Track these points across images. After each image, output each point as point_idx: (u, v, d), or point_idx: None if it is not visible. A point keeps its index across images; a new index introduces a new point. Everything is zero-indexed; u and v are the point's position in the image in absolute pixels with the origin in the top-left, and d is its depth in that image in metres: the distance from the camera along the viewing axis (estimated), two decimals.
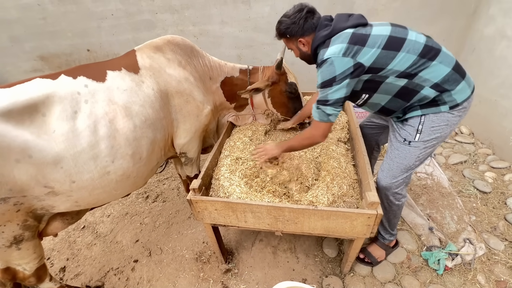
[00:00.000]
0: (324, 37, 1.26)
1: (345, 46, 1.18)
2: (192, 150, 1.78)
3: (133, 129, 1.33)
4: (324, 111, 1.29)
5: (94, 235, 2.30)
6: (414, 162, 1.41)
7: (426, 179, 2.27)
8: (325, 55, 1.22)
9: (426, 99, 1.28)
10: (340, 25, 1.24)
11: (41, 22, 3.06)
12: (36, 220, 1.28)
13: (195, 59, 1.67)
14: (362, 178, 1.56)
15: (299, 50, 1.41)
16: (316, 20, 1.30)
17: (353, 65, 1.19)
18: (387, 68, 1.22)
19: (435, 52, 1.21)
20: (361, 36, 1.20)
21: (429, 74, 1.22)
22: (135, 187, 1.52)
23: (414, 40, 1.21)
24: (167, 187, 2.73)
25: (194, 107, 1.63)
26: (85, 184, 1.24)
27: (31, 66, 3.45)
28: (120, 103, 1.31)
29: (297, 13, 1.29)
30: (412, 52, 1.19)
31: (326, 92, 1.25)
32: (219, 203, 1.40)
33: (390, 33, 1.20)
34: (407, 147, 1.39)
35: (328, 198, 1.46)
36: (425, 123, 1.32)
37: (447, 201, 2.06)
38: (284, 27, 1.33)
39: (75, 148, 1.17)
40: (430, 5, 2.56)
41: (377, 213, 1.24)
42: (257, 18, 2.79)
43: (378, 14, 2.63)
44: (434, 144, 1.37)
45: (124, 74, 1.39)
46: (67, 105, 1.18)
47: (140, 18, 2.91)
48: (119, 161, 1.30)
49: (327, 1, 2.62)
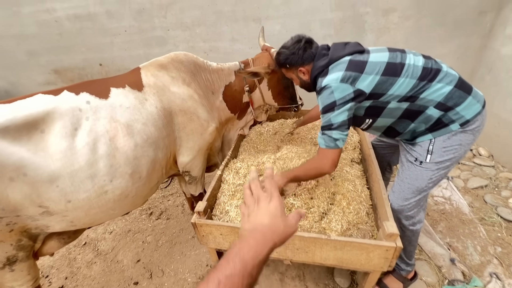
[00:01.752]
0: (322, 67, 1.28)
1: (343, 74, 1.18)
2: (196, 168, 1.73)
3: (133, 147, 1.29)
4: (330, 136, 1.24)
5: (95, 252, 2.23)
6: (426, 184, 1.33)
7: (444, 204, 2.14)
8: (323, 82, 1.22)
9: (431, 119, 1.23)
10: (337, 54, 1.26)
11: (57, 38, 3.15)
12: (31, 240, 1.23)
13: (198, 75, 1.66)
14: (377, 204, 1.47)
15: (299, 79, 1.43)
16: (315, 50, 1.33)
17: (353, 91, 1.18)
18: (388, 94, 1.20)
19: (435, 73, 1.19)
20: (358, 63, 1.20)
21: (431, 95, 1.19)
22: (134, 206, 1.47)
23: (412, 64, 1.19)
24: (172, 204, 2.67)
25: (198, 125, 1.59)
26: (81, 204, 1.19)
27: (45, 79, 3.53)
28: (122, 120, 1.29)
29: (295, 43, 1.33)
30: (411, 77, 1.18)
31: (328, 116, 1.22)
32: (225, 227, 1.33)
33: (388, 59, 1.20)
34: (418, 167, 1.32)
35: (342, 225, 1.37)
36: (435, 144, 1.26)
37: (468, 229, 1.92)
38: (283, 57, 1.36)
39: (73, 166, 1.14)
40: (443, 24, 2.52)
41: (396, 246, 1.14)
42: (267, 36, 2.78)
43: (390, 33, 2.60)
44: (448, 166, 1.30)
45: (127, 92, 1.38)
46: (68, 122, 1.16)
47: (152, 35, 2.96)
48: (118, 180, 1.26)
49: (338, 20, 2.61)
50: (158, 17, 2.85)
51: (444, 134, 1.24)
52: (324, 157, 1.27)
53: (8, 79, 3.64)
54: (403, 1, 2.46)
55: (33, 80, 3.57)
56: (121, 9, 2.85)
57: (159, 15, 2.84)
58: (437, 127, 1.24)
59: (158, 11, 2.82)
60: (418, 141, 1.31)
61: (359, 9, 2.55)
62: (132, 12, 2.85)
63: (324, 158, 1.27)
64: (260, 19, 2.72)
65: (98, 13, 2.91)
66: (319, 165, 1.30)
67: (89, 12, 2.92)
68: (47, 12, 2.99)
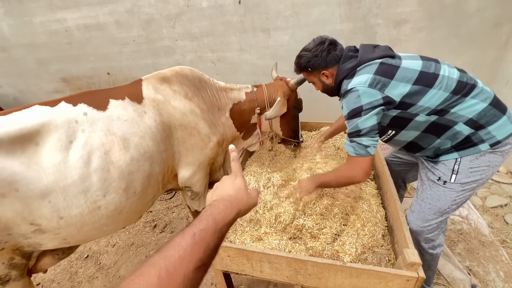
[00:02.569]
0: (350, 69, 1.18)
1: (371, 77, 1.10)
2: (197, 184, 1.68)
3: (129, 162, 1.25)
4: (360, 143, 1.14)
5: (97, 266, 2.17)
6: (449, 205, 1.24)
7: (461, 223, 2.03)
8: (349, 85, 1.14)
9: (459, 136, 1.15)
10: (367, 56, 1.17)
11: (66, 47, 3.17)
12: (24, 258, 1.19)
13: (203, 91, 1.62)
14: (393, 226, 1.39)
15: (322, 83, 1.34)
16: (339, 52, 1.25)
17: (382, 98, 1.09)
18: (418, 105, 1.11)
19: (470, 88, 1.11)
20: (389, 68, 1.11)
21: (463, 110, 1.11)
22: (128, 222, 1.41)
23: (447, 75, 1.11)
24: (176, 216, 2.61)
25: (199, 140, 1.55)
26: (74, 221, 1.15)
27: (54, 87, 3.56)
28: (119, 133, 1.25)
29: (318, 45, 1.24)
30: (444, 89, 1.10)
31: (355, 122, 1.14)
32: (233, 249, 1.26)
33: (422, 68, 1.11)
34: (441, 187, 1.24)
35: (357, 249, 1.29)
36: (462, 163, 1.18)
37: (489, 252, 1.81)
38: (305, 60, 1.28)
39: (65, 180, 1.10)
40: (457, 35, 2.46)
41: (418, 276, 1.05)
42: (276, 47, 2.77)
43: (401, 45, 2.54)
44: (473, 188, 1.21)
45: (126, 104, 1.34)
46: (63, 134, 1.12)
47: (160, 44, 2.96)
48: (111, 196, 1.21)
49: (349, 30, 2.57)
50: (167, 27, 2.85)
51: (472, 153, 1.16)
52: (355, 166, 1.19)
53: (17, 86, 3.68)
54: (416, 13, 2.41)
55: (41, 88, 3.59)
56: (130, 19, 2.86)
57: (167, 25, 2.84)
58: (465, 145, 1.16)
59: (166, 22, 2.82)
60: (442, 159, 1.23)
61: (370, 21, 2.50)
62: (141, 22, 2.86)
63: (356, 167, 1.19)
64: (269, 30, 2.69)
65: (108, 23, 2.93)
66: (351, 173, 1.21)
67: (99, 22, 2.94)
68: (58, 22, 3.02)
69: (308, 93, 2.05)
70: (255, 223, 1.49)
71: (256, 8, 2.60)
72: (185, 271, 0.38)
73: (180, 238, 0.42)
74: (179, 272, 0.37)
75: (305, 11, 2.54)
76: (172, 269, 0.37)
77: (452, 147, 1.19)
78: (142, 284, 0.34)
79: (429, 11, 2.38)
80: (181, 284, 0.37)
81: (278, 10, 2.57)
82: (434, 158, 1.26)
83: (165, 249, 0.40)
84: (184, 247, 0.40)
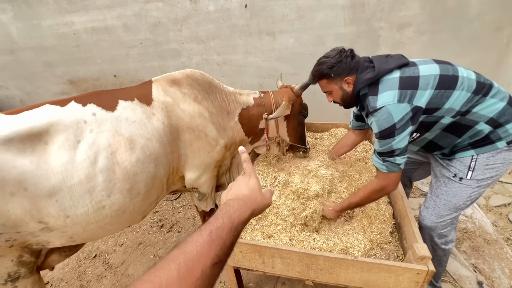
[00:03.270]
0: (369, 80, 1.20)
1: (398, 93, 1.12)
2: (204, 185, 1.70)
3: (135, 163, 1.27)
4: (394, 162, 1.19)
5: (105, 265, 2.19)
6: (464, 201, 1.28)
7: (466, 222, 2.06)
8: (377, 103, 1.15)
9: (479, 134, 1.19)
10: (384, 67, 1.18)
11: (74, 49, 3.22)
12: (33, 256, 1.20)
13: (212, 95, 1.64)
14: (401, 223, 1.42)
15: (343, 91, 1.33)
16: (358, 59, 1.27)
17: (411, 110, 1.12)
18: (443, 108, 1.15)
19: (488, 88, 1.15)
20: (410, 79, 1.14)
21: (484, 110, 1.14)
22: (132, 222, 1.44)
23: (466, 76, 1.14)
24: (183, 216, 2.63)
25: (206, 143, 1.57)
26: (80, 219, 1.17)
27: (60, 89, 3.60)
28: (126, 135, 1.27)
29: (341, 52, 1.26)
30: (466, 90, 1.13)
31: (389, 143, 1.16)
32: (245, 245, 1.29)
33: (440, 72, 1.14)
34: (457, 184, 1.27)
35: (366, 245, 1.32)
36: (478, 160, 1.21)
37: (494, 250, 1.84)
38: (328, 66, 1.27)
39: (72, 180, 1.12)
40: (459, 39, 2.51)
41: (428, 269, 1.08)
42: (281, 49, 2.82)
43: (404, 48, 2.60)
44: (488, 184, 1.25)
45: (135, 105, 1.36)
46: (71, 134, 1.15)
47: (167, 47, 3.01)
48: (116, 196, 1.23)
49: (352, 34, 2.62)
50: (174, 30, 2.90)
51: (488, 151, 1.19)
52: (388, 180, 1.25)
53: (24, 89, 3.72)
54: (418, 16, 2.47)
55: (48, 90, 3.63)
56: (137, 22, 2.92)
57: (174, 28, 2.89)
58: (482, 143, 1.19)
59: (173, 25, 2.87)
60: (458, 157, 1.26)
61: (373, 24, 2.56)
62: (148, 25, 2.92)
63: (389, 182, 1.25)
64: (274, 33, 2.75)
65: (116, 26, 2.98)
66: (384, 187, 1.27)
67: (107, 26, 3.00)
68: (66, 25, 3.07)
69: (312, 95, 2.09)
70: (263, 220, 1.52)
71: (262, 12, 2.65)
72: (202, 266, 0.40)
73: (197, 234, 0.44)
74: (197, 267, 0.39)
75: (309, 15, 2.59)
76: (191, 264, 0.39)
77: (469, 144, 1.21)
78: (163, 277, 0.36)
79: (431, 14, 2.44)
80: (199, 279, 0.38)
81: (284, 14, 2.63)
82: (450, 155, 1.29)
83: (184, 245, 0.42)
84: (201, 243, 0.42)
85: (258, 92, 1.83)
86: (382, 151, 1.20)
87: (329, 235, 1.40)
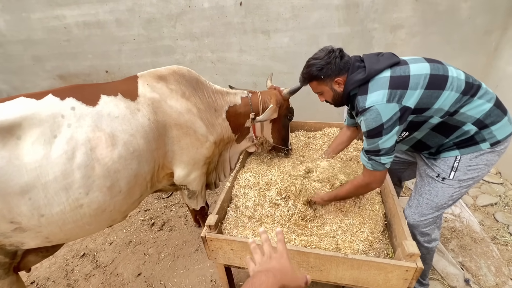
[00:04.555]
0: (359, 81, 1.19)
1: (388, 92, 1.12)
2: (193, 183, 1.69)
3: (116, 159, 1.22)
4: (379, 161, 1.21)
5: (93, 264, 2.14)
6: (446, 201, 1.30)
7: (454, 221, 2.10)
8: (366, 103, 1.15)
9: (465, 135, 1.20)
10: (375, 67, 1.18)
11: (64, 44, 3.15)
12: (7, 257, 1.16)
13: (199, 91, 1.63)
14: (391, 221, 1.43)
15: (333, 91, 1.32)
16: (348, 59, 1.26)
17: (399, 110, 1.12)
18: (433, 108, 1.15)
19: (476, 88, 1.16)
20: (401, 79, 1.14)
21: (471, 111, 1.15)
22: (113, 221, 1.40)
23: (456, 76, 1.15)
24: (174, 214, 2.60)
25: (194, 139, 1.55)
26: (55, 219, 1.12)
27: (50, 84, 3.51)
28: (108, 130, 1.22)
29: (329, 53, 1.25)
30: (455, 90, 1.13)
31: (375, 142, 1.17)
32: (237, 243, 1.28)
33: (431, 71, 1.14)
34: (440, 183, 1.29)
35: (358, 244, 1.33)
36: (461, 161, 1.23)
37: (480, 248, 1.88)
38: (317, 68, 1.25)
39: (47, 176, 1.06)
40: (450, 41, 2.56)
41: (416, 266, 1.10)
42: (275, 48, 2.83)
43: (397, 49, 2.63)
44: (470, 184, 1.27)
45: (119, 100, 1.32)
46: (47, 129, 1.09)
47: (160, 44, 2.98)
48: (95, 194, 1.18)
49: (346, 35, 2.64)
50: (167, 26, 2.87)
51: (472, 152, 1.20)
52: (373, 178, 1.27)
53: (12, 83, 3.61)
54: (411, 19, 2.50)
55: (37, 85, 3.54)
56: (131, 17, 2.87)
57: (168, 25, 2.86)
58: (466, 144, 1.21)
59: (167, 21, 2.84)
60: (442, 156, 1.27)
61: (367, 25, 2.59)
62: (142, 21, 2.87)
63: (373, 179, 1.27)
64: (269, 32, 2.75)
65: (108, 21, 2.93)
66: (368, 184, 1.30)
67: (99, 20, 2.94)
68: (57, 18, 3.00)
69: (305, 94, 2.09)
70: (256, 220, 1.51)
71: (257, 10, 2.65)
72: None
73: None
74: None
75: (304, 14, 2.60)
76: None
77: (454, 144, 1.23)
78: None
79: (423, 17, 2.48)
80: None
81: (279, 12, 2.63)
82: (436, 154, 1.30)
83: None
84: None
85: (246, 92, 1.83)
86: (369, 149, 1.21)
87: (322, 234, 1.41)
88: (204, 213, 2.00)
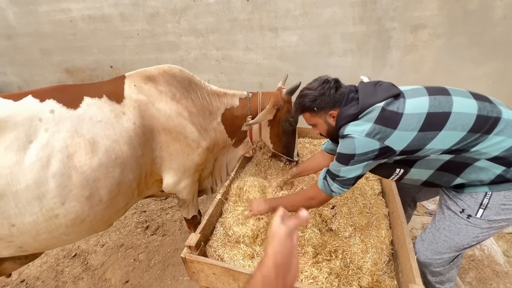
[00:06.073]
0: (351, 117, 1.06)
1: (371, 126, 0.99)
2: (184, 191, 1.57)
3: (96, 167, 1.13)
4: (330, 186, 1.13)
5: (83, 266, 2.09)
6: (469, 241, 1.09)
7: (473, 249, 1.87)
8: (346, 129, 1.05)
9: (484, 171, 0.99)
10: (368, 101, 1.04)
11: (70, 37, 3.12)
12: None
13: (193, 93, 1.50)
14: (398, 252, 1.25)
15: (328, 125, 1.19)
16: (344, 90, 1.13)
17: (379, 149, 0.99)
18: (425, 149, 0.99)
19: (493, 122, 0.95)
20: (391, 115, 0.98)
21: (486, 149, 0.95)
22: (94, 231, 1.31)
23: (461, 112, 0.95)
24: (170, 218, 2.51)
25: (185, 145, 1.43)
26: (28, 229, 1.05)
27: (57, 78, 3.51)
28: (88, 136, 1.13)
29: (324, 83, 1.13)
30: (459, 129, 0.94)
31: (339, 166, 1.08)
32: (218, 268, 1.14)
33: (429, 109, 0.97)
34: (464, 221, 1.08)
35: (360, 278, 1.16)
36: (493, 198, 1.01)
37: (503, 284, 1.65)
38: (310, 99, 1.14)
39: (19, 184, 0.99)
40: (480, 44, 2.28)
41: None
42: (283, 47, 2.64)
43: (418, 51, 2.38)
44: (502, 226, 1.06)
45: (103, 103, 1.22)
46: (22, 133, 1.02)
47: (164, 40, 2.87)
48: (71, 204, 1.10)
49: (361, 34, 2.42)
50: (172, 22, 2.75)
51: (507, 189, 0.99)
52: (317, 196, 1.20)
53: (22, 76, 3.65)
54: (435, 18, 2.24)
55: (45, 78, 3.55)
56: (135, 12, 2.78)
57: (172, 20, 2.74)
58: (497, 181, 1.00)
59: (172, 16, 2.72)
60: (468, 191, 1.07)
61: (385, 24, 2.35)
62: (146, 15, 2.77)
63: (317, 197, 1.20)
64: (277, 29, 2.57)
65: (112, 15, 2.85)
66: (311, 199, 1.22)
67: (103, 14, 2.87)
68: (63, 12, 2.97)
69: None
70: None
71: (264, 6, 2.48)
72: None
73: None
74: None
75: (316, 11, 2.40)
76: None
77: (480, 181, 1.03)
78: None
79: (450, 16, 2.21)
80: None
81: (288, 9, 2.44)
82: (459, 188, 1.10)
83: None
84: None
85: (246, 93, 1.69)
86: (330, 169, 1.13)
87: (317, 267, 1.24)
88: (196, 222, 1.88)
